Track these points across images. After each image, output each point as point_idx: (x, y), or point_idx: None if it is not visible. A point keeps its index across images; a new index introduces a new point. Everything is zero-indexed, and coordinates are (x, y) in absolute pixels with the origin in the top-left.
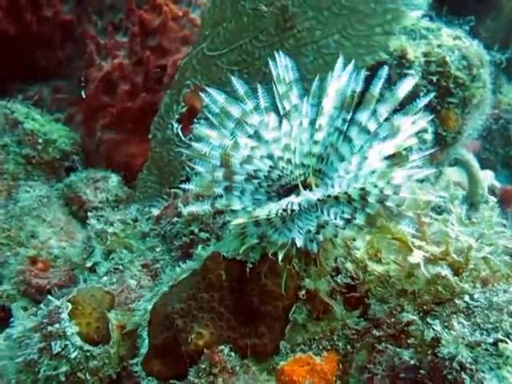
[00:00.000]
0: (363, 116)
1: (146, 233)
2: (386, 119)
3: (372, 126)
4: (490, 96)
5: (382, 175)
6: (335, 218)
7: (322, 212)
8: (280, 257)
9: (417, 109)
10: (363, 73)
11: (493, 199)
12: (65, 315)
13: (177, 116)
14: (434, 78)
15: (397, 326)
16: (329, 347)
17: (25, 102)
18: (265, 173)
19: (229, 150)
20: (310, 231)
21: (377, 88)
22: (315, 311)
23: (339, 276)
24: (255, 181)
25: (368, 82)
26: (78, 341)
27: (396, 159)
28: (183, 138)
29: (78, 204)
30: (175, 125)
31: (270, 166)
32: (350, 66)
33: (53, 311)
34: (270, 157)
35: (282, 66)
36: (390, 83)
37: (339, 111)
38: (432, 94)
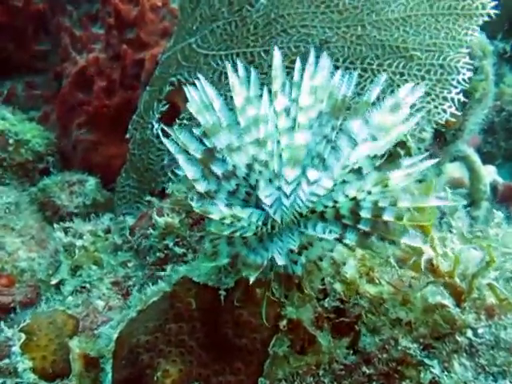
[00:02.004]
0: (355, 124)
1: (119, 245)
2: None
3: (363, 137)
4: (493, 88)
5: (378, 179)
6: (324, 232)
7: (306, 228)
8: (252, 279)
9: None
10: (355, 75)
11: (500, 215)
12: (16, 348)
13: (157, 115)
14: None
15: (390, 364)
16: None
17: None
18: (243, 173)
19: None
20: (291, 251)
21: (372, 95)
22: (298, 342)
23: (326, 299)
24: (233, 182)
25: None
26: (32, 377)
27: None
28: (164, 139)
29: (52, 210)
30: (155, 125)
31: (247, 166)
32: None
33: (3, 343)
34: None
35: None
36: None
37: (328, 117)
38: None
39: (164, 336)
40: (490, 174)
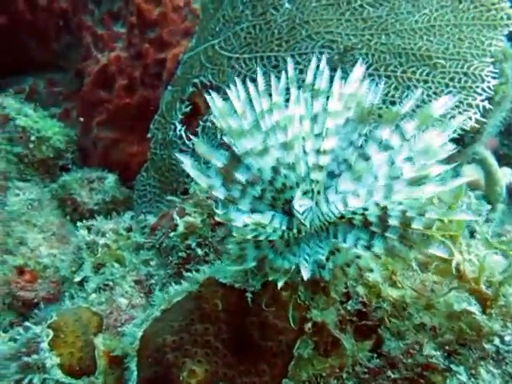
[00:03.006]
0: (384, 132)
1: (141, 244)
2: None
3: (395, 143)
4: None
5: (409, 194)
6: (353, 246)
7: (335, 237)
8: (280, 284)
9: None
10: (382, 83)
11: None
12: (44, 345)
13: (180, 116)
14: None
15: (415, 369)
16: None
17: (17, 97)
18: (268, 177)
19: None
20: (320, 259)
21: (405, 108)
22: (322, 345)
23: (349, 302)
24: (258, 187)
25: None
26: (59, 374)
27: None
28: (187, 141)
29: (73, 206)
30: (178, 126)
31: (272, 170)
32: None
33: (31, 339)
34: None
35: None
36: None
37: (355, 124)
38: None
39: (190, 336)
40: (506, 176)
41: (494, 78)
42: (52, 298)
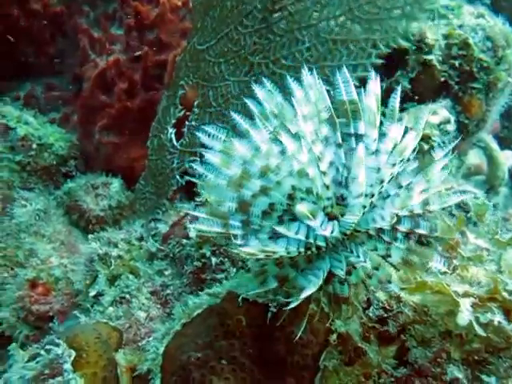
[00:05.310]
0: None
1: (153, 253)
2: None
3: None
4: None
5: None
6: (365, 259)
7: (351, 251)
8: (297, 302)
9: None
10: (351, 83)
11: None
12: (68, 366)
13: (173, 120)
14: (456, 63)
15: (443, 378)
16: None
17: (16, 104)
18: (283, 206)
19: (239, 180)
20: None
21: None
22: (347, 354)
23: (370, 308)
24: (275, 214)
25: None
26: None
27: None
28: (176, 143)
29: (79, 213)
30: (170, 129)
31: (288, 197)
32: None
33: (54, 360)
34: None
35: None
36: (408, 72)
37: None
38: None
39: (215, 353)
40: (508, 159)
41: None
42: (67, 311)
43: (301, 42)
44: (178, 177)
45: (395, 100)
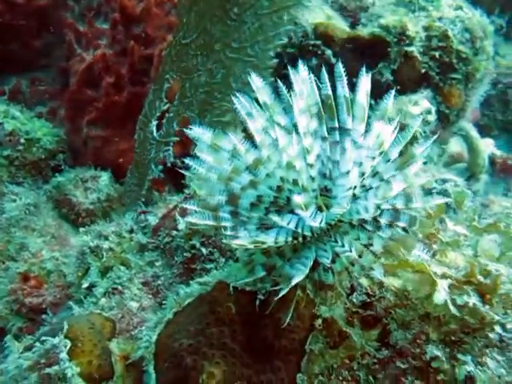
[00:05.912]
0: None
1: (144, 245)
2: None
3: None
4: (492, 67)
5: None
6: (350, 248)
7: (336, 240)
8: (285, 291)
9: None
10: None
11: None
12: (64, 355)
13: (158, 113)
14: (437, 54)
15: (423, 357)
16: (349, 378)
17: (2, 98)
18: (270, 198)
19: (229, 175)
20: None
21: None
22: (332, 338)
23: (354, 294)
24: (262, 206)
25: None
26: (80, 382)
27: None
28: (155, 135)
29: (69, 207)
30: (153, 122)
31: (276, 189)
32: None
33: (50, 350)
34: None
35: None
36: (390, 63)
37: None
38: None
39: (206, 339)
40: (488, 146)
41: None
42: (59, 303)
43: (245, 23)
44: (153, 167)
45: (387, 102)
